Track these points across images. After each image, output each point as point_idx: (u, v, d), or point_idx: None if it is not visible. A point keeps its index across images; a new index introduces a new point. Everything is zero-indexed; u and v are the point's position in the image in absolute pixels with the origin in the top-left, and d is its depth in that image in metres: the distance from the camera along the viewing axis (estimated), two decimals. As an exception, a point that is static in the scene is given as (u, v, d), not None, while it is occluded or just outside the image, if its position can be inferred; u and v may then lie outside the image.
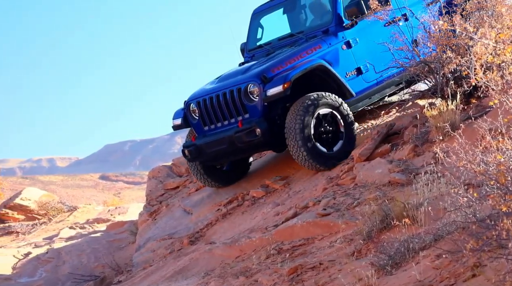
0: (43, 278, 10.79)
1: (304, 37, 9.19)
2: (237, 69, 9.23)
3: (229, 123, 8.73)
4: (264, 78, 8.54)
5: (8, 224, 15.40)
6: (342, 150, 8.60)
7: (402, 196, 6.37)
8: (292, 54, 8.80)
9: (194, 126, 9.08)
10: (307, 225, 7.19)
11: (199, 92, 9.13)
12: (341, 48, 8.98)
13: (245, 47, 9.91)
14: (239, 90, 8.62)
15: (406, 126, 8.71)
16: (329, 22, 9.13)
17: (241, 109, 8.62)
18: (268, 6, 9.96)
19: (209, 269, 7.35)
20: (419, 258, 5.13)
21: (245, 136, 8.49)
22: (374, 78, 9.14)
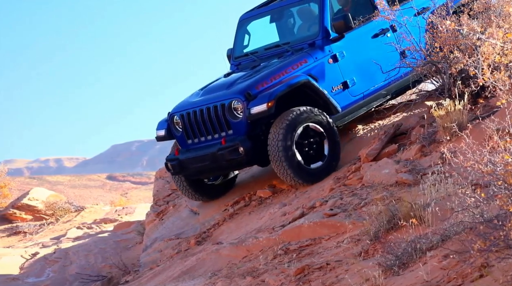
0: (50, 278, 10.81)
1: (290, 49, 9.02)
2: (222, 81, 9.04)
3: (212, 139, 8.63)
4: (248, 95, 8.40)
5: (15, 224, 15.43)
6: (326, 164, 8.50)
7: (409, 196, 6.36)
8: (278, 69, 8.66)
9: (178, 139, 8.92)
10: (314, 225, 7.18)
11: (183, 104, 8.97)
12: (327, 62, 8.83)
13: (232, 54, 9.69)
14: (223, 106, 8.50)
15: (413, 127, 8.69)
16: (315, 35, 8.96)
17: (224, 125, 8.52)
18: (255, 13, 9.74)
19: (216, 269, 7.35)
20: (426, 259, 5.12)
21: (228, 155, 8.38)
22: (360, 92, 8.98)
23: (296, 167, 8.33)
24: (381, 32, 9.12)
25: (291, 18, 9.55)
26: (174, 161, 8.82)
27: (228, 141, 8.42)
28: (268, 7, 9.68)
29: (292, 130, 8.28)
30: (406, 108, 9.40)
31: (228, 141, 8.42)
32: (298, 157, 8.35)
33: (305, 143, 8.42)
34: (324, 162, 8.49)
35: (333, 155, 8.55)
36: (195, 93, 9.12)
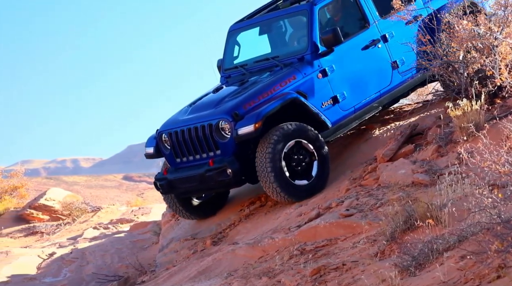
0: (67, 278, 10.85)
1: (279, 63, 8.86)
2: (210, 98, 8.92)
3: (200, 158, 8.51)
4: (236, 116, 8.29)
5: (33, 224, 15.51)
6: (315, 181, 8.40)
7: (425, 197, 6.34)
8: (266, 87, 8.53)
9: (167, 157, 8.82)
10: (330, 225, 7.18)
11: (171, 122, 8.86)
12: (316, 78, 8.70)
13: (222, 66, 9.52)
14: (210, 126, 8.39)
15: (429, 127, 8.67)
16: (304, 49, 8.80)
17: (212, 145, 8.41)
18: (244, 24, 9.56)
19: (232, 269, 7.36)
20: (443, 259, 5.11)
21: (216, 176, 8.29)
22: (351, 105, 8.85)
23: (284, 184, 8.22)
24: (371, 43, 8.96)
25: (280, 30, 9.39)
26: (163, 181, 8.73)
27: (216, 163, 8.31)
28: (257, 19, 9.50)
29: (280, 146, 8.18)
30: (423, 109, 9.37)
31: (216, 163, 8.31)
32: (286, 174, 8.24)
33: (293, 159, 8.31)
34: (314, 178, 8.39)
35: (322, 171, 8.45)
36: (183, 110, 8.95)
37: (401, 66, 9.09)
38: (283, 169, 8.22)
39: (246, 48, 9.52)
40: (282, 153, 8.21)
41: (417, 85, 9.45)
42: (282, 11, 9.32)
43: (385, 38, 9.04)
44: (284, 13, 9.27)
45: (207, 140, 8.42)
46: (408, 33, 9.09)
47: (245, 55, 9.48)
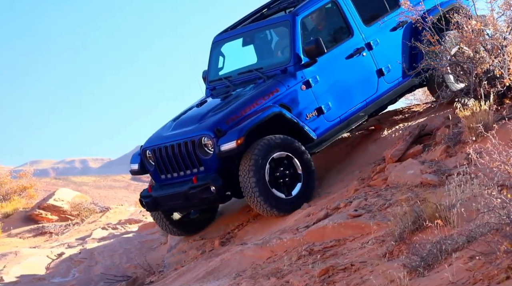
0: (76, 278, 10.87)
1: (262, 75, 8.74)
2: (193, 113, 8.82)
3: (185, 175, 8.43)
4: (218, 131, 8.21)
5: (41, 225, 15.54)
6: (301, 193, 8.32)
7: (434, 197, 6.33)
8: (248, 101, 8.44)
9: (151, 174, 8.76)
10: (338, 226, 7.17)
11: (155, 138, 8.78)
12: (300, 89, 8.58)
13: (207, 77, 9.42)
14: (193, 142, 8.30)
15: (438, 127, 8.65)
16: (287, 61, 8.68)
17: (196, 162, 8.31)
18: (228, 35, 9.44)
19: (240, 270, 7.36)
20: (451, 260, 5.10)
21: (200, 194, 8.22)
22: (337, 116, 8.75)
23: (269, 198, 8.14)
24: (356, 52, 8.86)
25: (264, 41, 9.28)
26: (147, 198, 8.68)
27: (199, 180, 8.23)
28: (240, 30, 9.38)
29: (263, 160, 8.11)
30: (431, 109, 9.36)
31: (199, 180, 8.23)
32: (270, 187, 8.16)
33: (277, 173, 8.23)
34: (302, 182, 8.32)
35: (307, 182, 8.37)
36: (167, 125, 8.86)
37: (387, 74, 8.97)
38: (267, 182, 8.13)
39: (231, 59, 9.39)
40: (266, 167, 8.13)
41: (404, 92, 9.33)
42: (264, 22, 9.21)
43: (370, 46, 8.92)
44: (266, 24, 9.15)
45: (190, 157, 8.33)
46: (394, 40, 9.00)
47: (230, 66, 9.36)
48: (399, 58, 9.02)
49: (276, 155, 8.22)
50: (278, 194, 8.24)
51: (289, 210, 8.24)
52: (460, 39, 8.45)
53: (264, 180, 8.13)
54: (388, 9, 9.15)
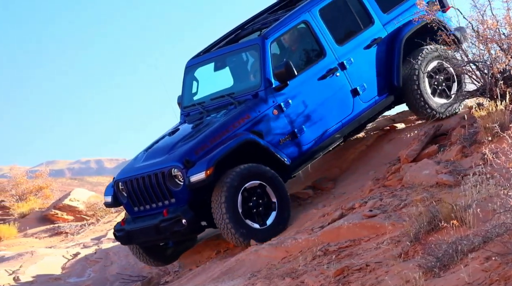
0: (91, 278, 10.90)
1: (234, 101, 8.54)
2: (164, 142, 8.66)
3: (156, 207, 8.25)
4: (187, 162, 8.02)
5: (57, 225, 15.59)
6: (275, 222, 8.11)
7: (450, 197, 6.31)
8: (218, 129, 8.26)
9: (124, 206, 8.63)
10: (353, 226, 7.16)
11: (127, 170, 8.67)
12: (272, 114, 8.39)
13: (181, 103, 9.20)
14: (163, 174, 8.13)
15: (453, 127, 8.62)
16: (258, 86, 8.47)
17: (166, 194, 8.13)
18: (201, 59, 9.22)
19: (255, 270, 7.36)
20: (467, 260, 5.08)
21: (171, 226, 8.04)
22: (311, 139, 8.55)
23: (243, 229, 7.96)
24: (329, 72, 8.66)
25: (237, 65, 9.07)
26: (121, 232, 8.55)
27: (170, 212, 8.06)
28: (212, 54, 9.18)
29: (234, 190, 7.92)
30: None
31: (170, 212, 8.06)
32: (248, 223, 8.01)
33: (250, 202, 8.05)
34: (277, 211, 8.13)
35: (283, 208, 8.17)
36: (139, 156, 8.73)
37: (363, 93, 8.76)
38: (240, 213, 7.96)
39: (205, 84, 9.20)
40: (238, 197, 7.96)
41: (383, 110, 9.21)
42: (234, 46, 9.02)
43: (343, 66, 8.72)
44: (236, 48, 8.95)
45: (161, 189, 8.16)
46: (368, 58, 8.86)
47: (204, 91, 9.16)
48: (374, 76, 8.84)
49: (248, 185, 8.04)
50: (251, 224, 8.05)
51: (264, 240, 7.91)
52: (476, 39, 8.40)
53: (237, 210, 7.94)
54: (362, 27, 8.96)
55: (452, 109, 9.00)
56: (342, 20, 8.99)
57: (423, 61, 8.92)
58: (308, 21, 8.74)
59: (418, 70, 8.88)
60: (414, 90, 8.92)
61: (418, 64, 8.89)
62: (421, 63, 8.90)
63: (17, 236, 15.06)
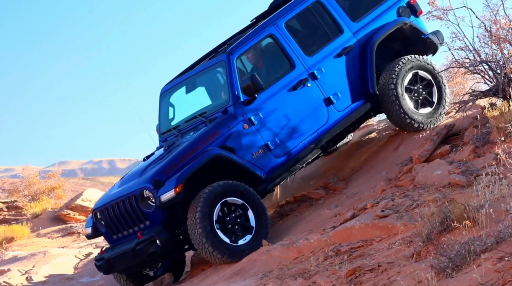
0: (104, 278, 10.93)
1: (206, 119, 8.47)
2: (138, 167, 8.65)
3: (133, 232, 8.18)
4: (157, 183, 7.95)
5: (69, 225, 15.66)
6: (252, 240, 7.98)
7: (462, 198, 6.29)
8: (188, 147, 8.18)
9: (104, 235, 8.57)
10: (365, 226, 7.15)
11: (103, 198, 8.64)
12: (242, 129, 8.31)
13: (159, 130, 9.19)
14: (135, 197, 8.06)
15: (466, 127, 8.59)
16: (226, 101, 8.43)
17: (141, 216, 8.06)
18: (173, 84, 9.20)
19: (267, 270, 7.36)
20: (480, 261, 5.06)
21: (146, 249, 7.93)
22: (286, 151, 8.44)
23: (219, 245, 7.84)
24: (299, 83, 8.57)
25: (210, 85, 9.01)
26: (101, 261, 8.48)
27: (144, 234, 7.98)
28: (183, 77, 9.14)
29: (209, 208, 7.82)
30: (459, 109, 9.29)
31: (144, 234, 7.98)
32: (221, 236, 7.87)
33: (227, 220, 7.94)
34: (253, 234, 7.99)
35: (260, 224, 8.03)
36: (115, 185, 8.72)
37: (337, 102, 8.66)
38: (216, 232, 7.85)
39: (181, 108, 9.15)
40: (214, 214, 7.85)
41: (362, 118, 9.13)
42: (201, 66, 8.95)
43: (314, 76, 8.63)
44: (204, 68, 8.88)
45: (135, 212, 8.10)
46: (340, 66, 8.77)
47: (180, 115, 9.12)
48: (347, 84, 8.76)
49: (230, 200, 7.95)
50: (227, 240, 7.91)
51: (242, 256, 7.83)
52: (489, 39, 8.37)
53: (213, 227, 7.83)
54: (331, 36, 8.85)
55: (438, 116, 8.97)
56: (310, 31, 8.91)
57: (398, 77, 8.80)
58: (274, 34, 8.67)
59: (396, 90, 8.78)
60: (397, 111, 8.84)
61: (394, 83, 8.78)
62: (397, 81, 8.79)
63: (29, 236, 15.13)
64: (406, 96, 8.88)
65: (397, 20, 9.09)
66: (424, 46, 9.20)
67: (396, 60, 8.95)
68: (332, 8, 8.98)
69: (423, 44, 9.18)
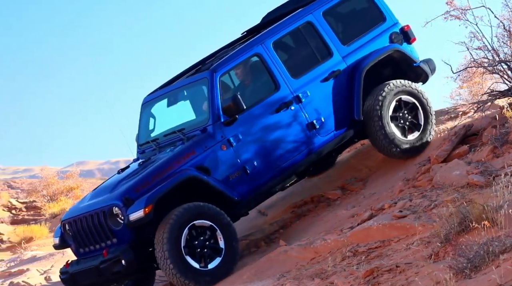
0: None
1: (183, 136, 8.23)
2: (111, 181, 8.43)
3: (100, 248, 7.96)
4: (127, 200, 7.73)
5: (87, 225, 15.74)
6: (220, 266, 7.73)
7: (481, 198, 6.26)
8: (162, 166, 7.94)
9: (71, 248, 8.37)
10: (383, 227, 7.13)
11: (73, 210, 8.44)
12: (220, 149, 8.06)
13: (137, 140, 8.97)
14: (103, 213, 7.85)
15: (484, 127, 8.55)
16: (206, 120, 8.17)
17: (108, 233, 7.86)
18: (156, 95, 8.95)
19: (284, 270, 7.36)
20: (499, 262, 5.03)
21: (111, 267, 7.73)
22: (264, 175, 8.22)
23: (188, 272, 7.60)
24: (282, 106, 8.34)
25: (194, 99, 8.75)
26: (65, 275, 8.27)
27: (110, 253, 7.76)
28: (166, 89, 8.91)
29: (176, 233, 7.59)
30: (477, 109, 9.25)
31: (110, 253, 7.76)
32: (189, 261, 7.66)
33: (195, 243, 7.70)
34: (222, 256, 7.78)
35: (229, 255, 7.81)
36: (87, 197, 8.50)
37: (320, 127, 8.44)
38: (184, 256, 7.64)
39: (162, 120, 8.92)
40: (181, 239, 7.63)
41: (344, 144, 8.91)
42: (185, 81, 8.72)
43: (299, 99, 8.40)
44: (187, 83, 8.65)
45: (103, 229, 7.90)
46: (326, 91, 8.53)
47: (161, 128, 8.89)
48: (332, 110, 8.54)
49: (198, 222, 7.72)
50: (194, 264, 7.69)
51: (208, 282, 7.67)
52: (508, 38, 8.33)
53: (180, 252, 7.61)
54: (320, 59, 8.61)
55: (427, 137, 8.71)
56: (298, 53, 8.69)
57: (383, 105, 8.54)
58: (261, 53, 8.44)
59: (381, 118, 8.53)
60: (382, 140, 8.59)
61: (379, 111, 8.52)
62: (382, 109, 8.54)
63: (48, 236, 15.21)
64: (392, 125, 8.59)
65: (388, 46, 8.81)
66: (415, 74, 8.91)
67: (381, 86, 8.63)
68: (323, 30, 8.71)
69: (414, 72, 8.90)
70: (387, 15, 8.94)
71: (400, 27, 8.98)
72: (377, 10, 8.94)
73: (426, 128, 8.76)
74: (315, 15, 8.74)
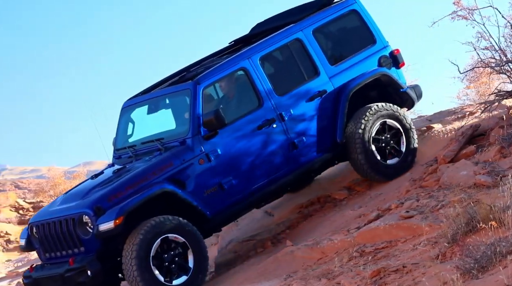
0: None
1: (162, 146, 8.06)
2: (83, 186, 8.27)
3: (66, 255, 7.81)
4: (98, 210, 7.59)
5: (94, 225, 15.77)
6: (187, 282, 7.61)
7: (488, 198, 6.25)
8: (137, 176, 7.80)
9: (37, 251, 8.21)
10: (390, 227, 7.13)
11: (42, 213, 8.28)
12: (198, 163, 7.92)
13: (114, 145, 8.80)
14: (73, 220, 7.69)
15: (492, 128, 8.54)
16: (186, 132, 8.02)
17: (76, 241, 7.70)
18: (137, 100, 8.78)
19: (291, 271, 7.36)
20: (506, 262, 5.02)
21: (76, 277, 7.59)
22: (240, 192, 8.07)
23: (153, 284, 7.47)
24: (265, 123, 8.21)
25: (168, 109, 8.63)
26: (28, 279, 8.12)
27: (76, 262, 7.63)
28: (147, 96, 8.75)
29: (146, 245, 7.46)
30: (484, 109, 9.23)
31: (76, 262, 7.63)
32: (155, 273, 7.51)
33: (165, 256, 7.58)
34: (189, 276, 7.65)
35: (199, 267, 7.70)
36: (58, 200, 8.34)
37: (301, 147, 8.31)
38: (153, 270, 7.50)
39: (141, 126, 8.76)
40: (151, 250, 7.50)
41: (323, 165, 8.72)
42: (168, 89, 8.54)
43: (282, 117, 8.26)
44: (169, 92, 8.49)
45: (71, 236, 7.74)
46: (310, 111, 8.41)
47: (139, 134, 8.73)
48: (315, 130, 8.40)
49: (167, 236, 7.59)
50: (160, 277, 7.55)
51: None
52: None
53: (148, 263, 7.48)
54: (306, 78, 8.47)
55: (407, 165, 8.60)
56: (285, 70, 8.54)
57: (366, 128, 8.41)
58: (247, 68, 8.29)
59: (363, 141, 8.42)
60: (363, 164, 8.48)
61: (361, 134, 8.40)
62: (364, 131, 8.41)
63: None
64: (373, 147, 8.48)
65: (376, 69, 8.69)
66: (401, 99, 8.81)
67: (365, 108, 8.50)
68: (312, 48, 8.56)
69: (400, 97, 8.80)
70: (378, 38, 8.81)
71: (390, 50, 8.85)
72: (368, 32, 8.81)
73: (407, 156, 8.61)
74: (305, 32, 8.60)
